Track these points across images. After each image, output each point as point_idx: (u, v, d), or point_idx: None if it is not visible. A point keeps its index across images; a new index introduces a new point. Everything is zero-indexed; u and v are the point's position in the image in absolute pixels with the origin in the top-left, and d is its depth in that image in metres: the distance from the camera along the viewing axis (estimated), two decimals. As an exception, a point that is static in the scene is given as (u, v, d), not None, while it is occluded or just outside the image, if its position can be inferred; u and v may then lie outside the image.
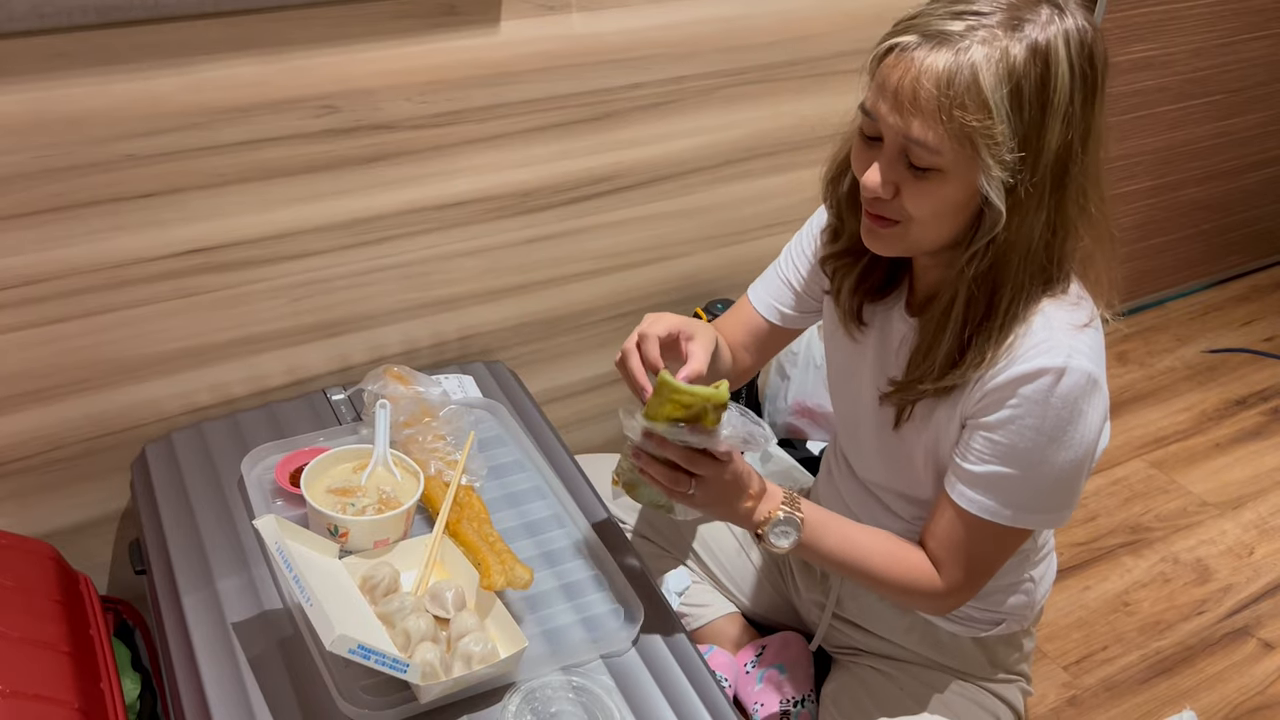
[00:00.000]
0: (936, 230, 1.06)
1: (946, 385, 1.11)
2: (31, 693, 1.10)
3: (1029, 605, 1.32)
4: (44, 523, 1.52)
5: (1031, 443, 1.07)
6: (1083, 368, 1.05)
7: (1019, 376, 1.06)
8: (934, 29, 0.99)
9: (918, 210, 1.04)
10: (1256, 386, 2.65)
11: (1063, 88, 0.98)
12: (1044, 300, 1.08)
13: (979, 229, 1.04)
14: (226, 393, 1.57)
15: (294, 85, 1.39)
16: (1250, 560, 2.15)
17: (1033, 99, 0.98)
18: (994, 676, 1.34)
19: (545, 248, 1.72)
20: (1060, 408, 1.05)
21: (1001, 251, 1.04)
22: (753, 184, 1.87)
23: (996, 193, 1.00)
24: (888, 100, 1.01)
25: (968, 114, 0.97)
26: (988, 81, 0.96)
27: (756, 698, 1.39)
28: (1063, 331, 1.06)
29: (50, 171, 1.30)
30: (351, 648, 1.00)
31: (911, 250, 1.11)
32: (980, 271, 1.05)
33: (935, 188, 1.02)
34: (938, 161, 1.00)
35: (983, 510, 1.11)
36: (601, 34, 1.57)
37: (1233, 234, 3.02)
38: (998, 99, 0.97)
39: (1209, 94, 2.66)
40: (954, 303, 1.08)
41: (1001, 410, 1.08)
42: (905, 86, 0.99)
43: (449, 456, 1.37)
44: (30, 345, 1.39)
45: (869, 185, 1.05)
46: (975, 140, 0.98)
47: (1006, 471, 1.09)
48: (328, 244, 1.53)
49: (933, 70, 0.97)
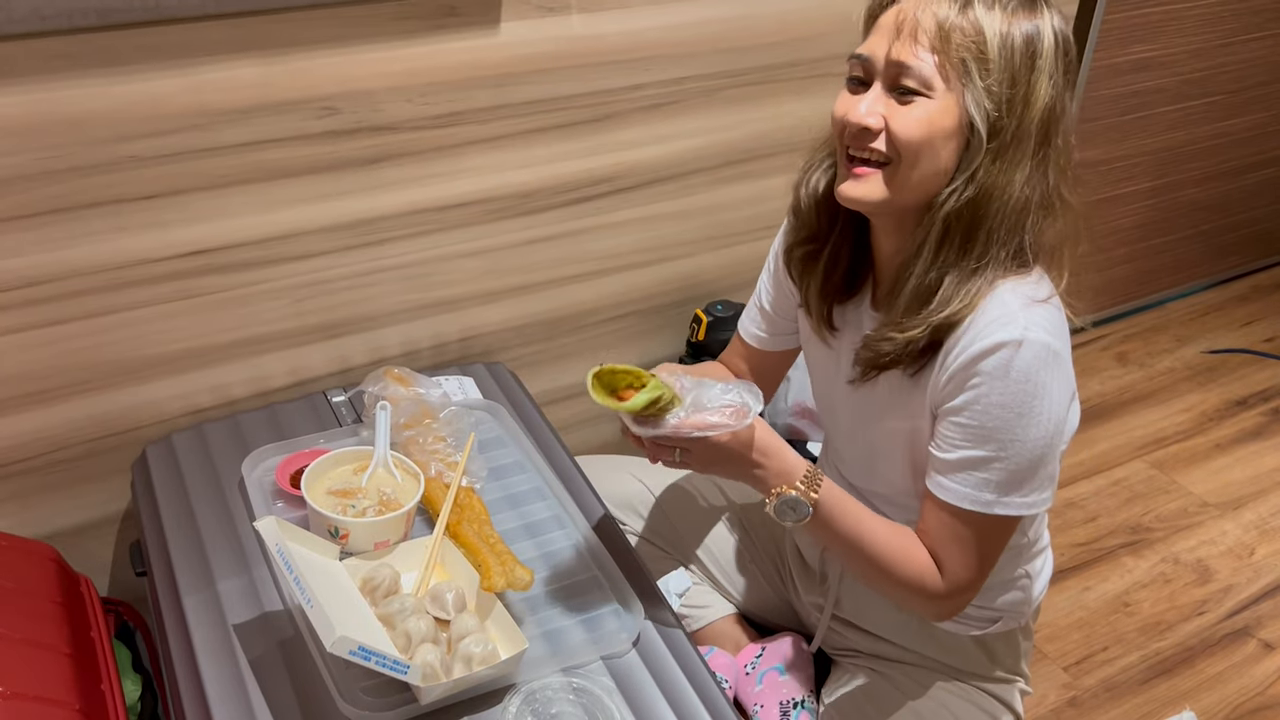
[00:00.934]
0: (920, 168, 1.08)
1: (913, 338, 1.11)
2: (32, 694, 1.10)
3: (1025, 602, 1.32)
4: (45, 524, 1.52)
5: (998, 420, 1.08)
6: (1040, 339, 1.06)
7: (977, 354, 1.07)
8: None
9: (906, 134, 1.06)
10: (1257, 387, 2.65)
11: (1048, 53, 1.06)
12: (1009, 279, 1.10)
13: (960, 163, 1.07)
14: (227, 394, 1.57)
15: (295, 86, 1.39)
16: (1251, 561, 2.15)
17: (1022, 51, 1.05)
18: (993, 676, 1.34)
19: (546, 249, 1.72)
20: (1021, 380, 1.06)
21: (983, 191, 1.07)
22: (753, 185, 1.87)
23: (982, 120, 1.05)
24: (885, 36, 1.07)
25: (966, 38, 1.03)
26: (984, 20, 1.04)
27: (756, 699, 1.39)
28: (1019, 306, 1.07)
29: (51, 173, 1.30)
30: (352, 649, 1.00)
31: (893, 198, 1.10)
32: (957, 208, 1.07)
33: (923, 111, 1.05)
34: (933, 84, 1.05)
35: (962, 499, 1.12)
36: (602, 35, 1.57)
37: (1232, 234, 3.02)
38: (991, 34, 1.04)
39: (1208, 94, 2.66)
40: (927, 238, 1.10)
41: (965, 392, 1.09)
42: (906, 22, 1.05)
43: (449, 458, 1.37)
44: (31, 347, 1.39)
45: (854, 117, 1.08)
46: (968, 63, 1.04)
47: (978, 454, 1.10)
48: (329, 245, 1.53)
49: (935, 6, 1.05)
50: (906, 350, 1.13)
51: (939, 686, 1.33)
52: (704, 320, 1.87)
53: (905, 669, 1.35)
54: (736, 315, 1.83)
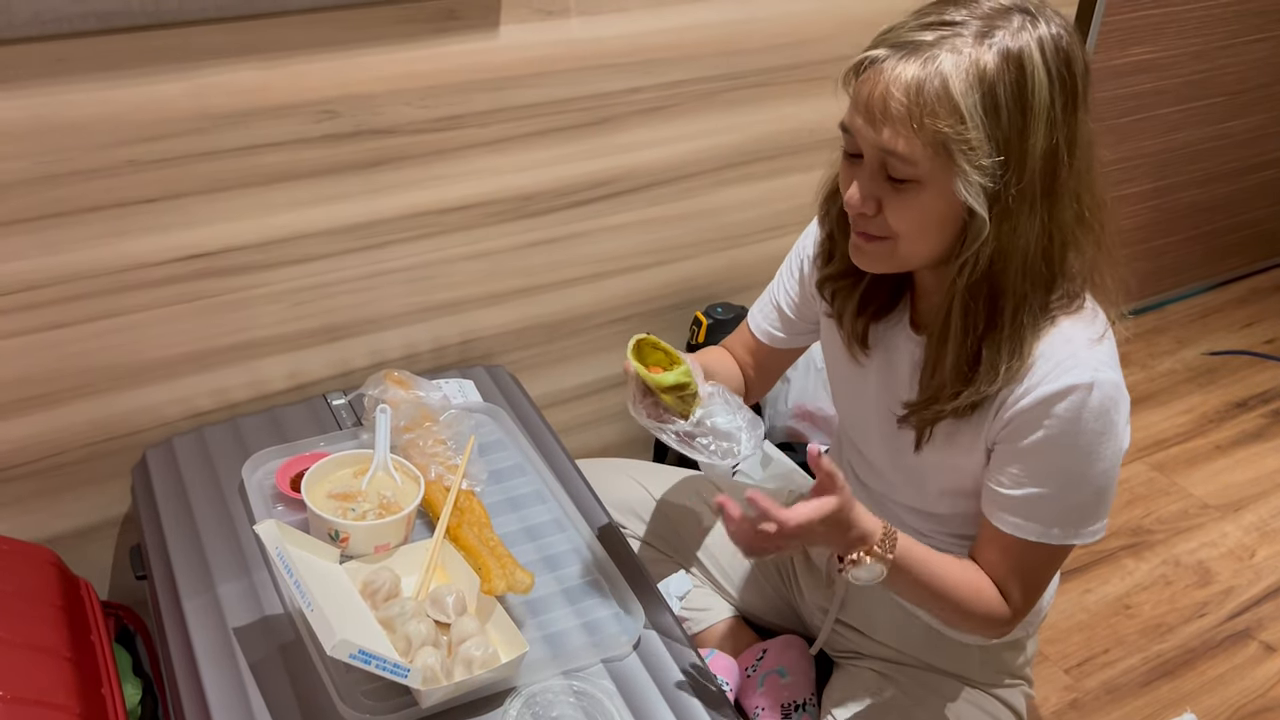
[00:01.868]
0: (924, 244, 1.06)
1: (965, 404, 1.09)
2: (32, 698, 1.10)
3: (1036, 613, 1.32)
4: (45, 528, 1.52)
5: (1069, 460, 1.08)
6: (1109, 379, 1.05)
7: (1049, 396, 1.05)
8: (904, 40, 0.99)
9: (901, 224, 1.04)
10: (1257, 389, 2.65)
11: (1041, 92, 0.98)
12: (1061, 319, 1.07)
13: (965, 239, 1.03)
14: (227, 397, 1.57)
15: (295, 90, 1.40)
16: (1251, 563, 2.14)
17: (1010, 104, 0.97)
18: (998, 682, 1.34)
19: (545, 252, 1.72)
20: (1093, 421, 1.06)
21: (995, 260, 1.03)
22: (752, 188, 1.87)
23: (977, 200, 0.99)
24: (861, 114, 1.02)
25: (939, 121, 0.97)
26: (958, 88, 0.96)
27: (758, 702, 1.39)
28: (1083, 347, 1.06)
29: (51, 177, 1.30)
30: (352, 652, 1.00)
31: (901, 266, 1.10)
32: (973, 281, 1.04)
33: (915, 199, 1.02)
34: (914, 172, 1.00)
35: (1031, 534, 1.11)
36: (600, 39, 1.58)
37: (1233, 236, 3.02)
38: (969, 104, 0.96)
39: (1208, 96, 2.66)
40: (950, 314, 1.07)
41: (1036, 432, 1.07)
42: (876, 98, 0.99)
43: (450, 461, 1.37)
44: (32, 350, 1.39)
45: (850, 202, 1.05)
46: (950, 147, 0.97)
47: (1045, 492, 1.09)
48: (328, 249, 1.53)
49: (901, 80, 0.97)
50: (957, 410, 1.11)
51: (943, 690, 1.33)
52: (704, 323, 1.87)
53: (908, 671, 1.35)
54: (737, 318, 1.83)
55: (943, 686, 1.33)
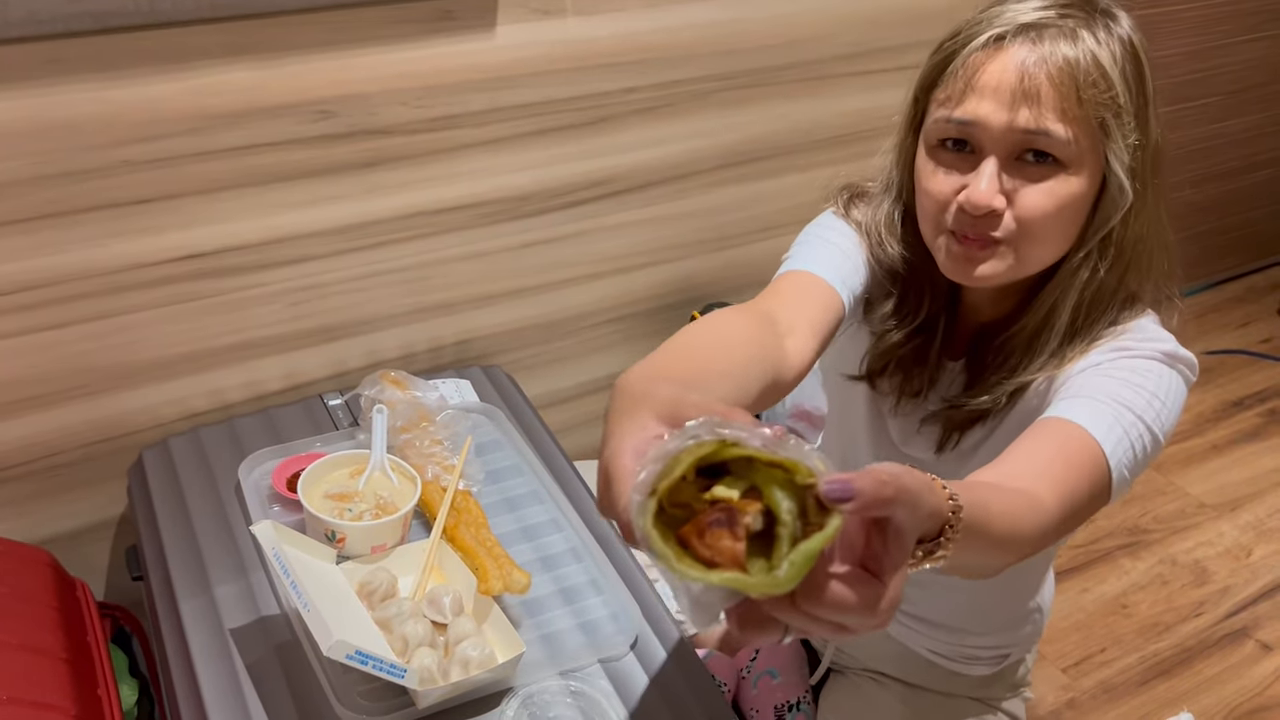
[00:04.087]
0: (1052, 239, 0.98)
1: (1005, 394, 1.02)
2: (29, 699, 1.10)
3: (1036, 633, 1.31)
4: (41, 529, 1.52)
5: (1128, 371, 0.97)
6: (1188, 355, 1.00)
7: (1112, 346, 0.99)
8: (1027, 21, 0.94)
9: (1035, 216, 0.95)
10: (1254, 388, 2.66)
11: (1149, 77, 0.96)
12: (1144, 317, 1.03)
13: (1091, 228, 0.98)
14: (223, 398, 1.57)
15: (290, 90, 1.39)
16: (1248, 562, 2.15)
17: (1136, 83, 0.95)
18: (999, 695, 1.33)
19: (542, 252, 1.72)
20: (1149, 353, 0.99)
21: (1119, 252, 0.98)
22: (748, 187, 1.87)
23: (1128, 178, 0.94)
24: (998, 98, 0.93)
25: (1099, 92, 0.92)
26: (1106, 59, 0.92)
27: (753, 703, 1.39)
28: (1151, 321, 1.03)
29: (46, 177, 1.30)
30: (349, 653, 1.00)
31: (1018, 272, 1.00)
32: (1102, 277, 0.99)
33: (1057, 185, 0.94)
34: (1068, 153, 0.93)
35: (1083, 418, 0.92)
36: (597, 38, 1.58)
37: (1229, 236, 3.02)
38: (1116, 75, 0.93)
39: (1204, 96, 2.67)
40: (1055, 311, 1.00)
41: (1086, 363, 0.99)
42: (1023, 78, 0.92)
43: (446, 461, 1.37)
44: (27, 352, 1.39)
45: (978, 201, 0.94)
46: (1106, 120, 0.93)
47: (1105, 387, 0.95)
48: (324, 249, 1.53)
49: (1056, 55, 0.92)
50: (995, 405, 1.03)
51: (944, 705, 1.32)
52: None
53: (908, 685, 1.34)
54: (733, 318, 1.82)
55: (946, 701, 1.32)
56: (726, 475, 0.55)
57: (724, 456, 0.55)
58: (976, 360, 1.09)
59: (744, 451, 0.54)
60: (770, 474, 0.54)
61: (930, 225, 1.01)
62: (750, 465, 0.55)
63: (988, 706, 1.32)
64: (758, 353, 0.88)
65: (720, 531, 0.53)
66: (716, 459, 0.55)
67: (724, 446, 0.54)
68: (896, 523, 0.56)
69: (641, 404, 0.63)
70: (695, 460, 0.54)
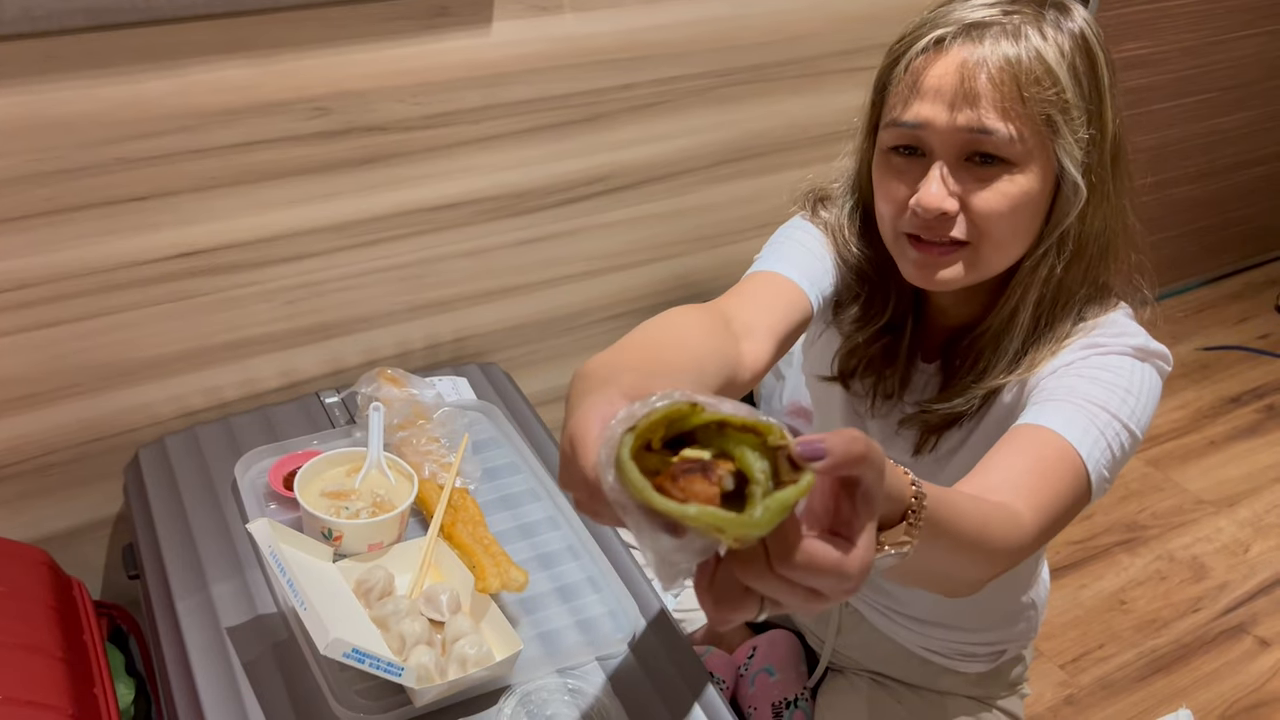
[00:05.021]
0: (1010, 241, 0.98)
1: (981, 395, 1.03)
2: (25, 699, 1.09)
3: (1031, 630, 1.31)
4: (37, 528, 1.52)
5: (1098, 370, 0.97)
6: (1161, 349, 1.00)
7: (1084, 344, 1.00)
8: (970, 21, 0.94)
9: (990, 217, 0.95)
10: (1251, 384, 2.66)
11: (1103, 69, 0.96)
12: (1116, 310, 1.03)
13: (1048, 226, 0.98)
14: (219, 396, 1.57)
15: (286, 87, 1.39)
16: (1246, 558, 2.15)
17: (1087, 77, 0.95)
18: (996, 694, 1.33)
19: (539, 249, 1.71)
20: (1121, 349, 0.99)
21: (1078, 248, 0.98)
22: (745, 184, 1.87)
23: (1079, 173, 0.94)
24: (940, 100, 0.94)
25: (1043, 89, 0.92)
26: (1051, 56, 0.92)
27: (750, 701, 1.39)
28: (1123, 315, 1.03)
29: (41, 175, 1.30)
30: (346, 651, 1.00)
31: (980, 275, 1.00)
32: (1058, 274, 0.99)
33: (1009, 184, 0.94)
34: (1014, 151, 0.93)
35: (1056, 423, 0.92)
36: (594, 35, 1.57)
37: (1226, 231, 3.02)
38: (1063, 71, 0.93)
39: (1201, 91, 2.67)
40: (1018, 311, 1.00)
41: (1063, 356, 0.99)
42: (963, 79, 0.92)
43: (443, 459, 1.37)
44: (22, 350, 1.39)
45: (928, 204, 0.95)
46: (1053, 117, 0.93)
47: (1075, 388, 0.95)
48: (320, 246, 1.52)
49: (996, 55, 0.92)
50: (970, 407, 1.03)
51: (943, 705, 1.32)
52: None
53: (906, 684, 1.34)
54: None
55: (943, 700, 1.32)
56: (694, 445, 0.56)
57: (695, 423, 0.56)
58: (948, 363, 1.10)
59: (717, 415, 0.55)
60: (741, 438, 0.55)
61: (889, 229, 1.03)
62: (720, 433, 0.55)
63: (985, 705, 1.32)
64: (715, 351, 0.88)
65: (694, 476, 0.53)
66: (686, 426, 0.56)
67: (696, 410, 0.55)
68: (865, 484, 0.56)
69: (609, 384, 0.63)
70: (668, 416, 0.55)
